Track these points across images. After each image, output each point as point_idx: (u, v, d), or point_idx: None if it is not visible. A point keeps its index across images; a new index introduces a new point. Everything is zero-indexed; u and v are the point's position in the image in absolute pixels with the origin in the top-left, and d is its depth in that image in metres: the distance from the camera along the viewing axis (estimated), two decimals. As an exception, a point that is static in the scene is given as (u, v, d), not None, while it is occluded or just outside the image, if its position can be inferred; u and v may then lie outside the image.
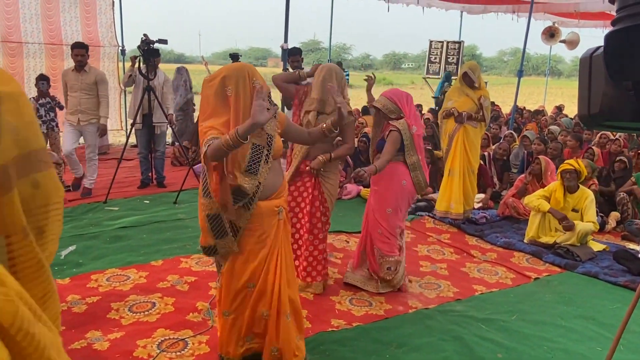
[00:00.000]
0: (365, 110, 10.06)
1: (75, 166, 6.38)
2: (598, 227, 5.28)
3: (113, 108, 10.07)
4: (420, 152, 3.87)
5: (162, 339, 3.17)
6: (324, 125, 3.08)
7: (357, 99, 16.15)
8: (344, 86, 3.78)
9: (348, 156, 7.09)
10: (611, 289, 4.33)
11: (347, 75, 11.27)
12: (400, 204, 3.90)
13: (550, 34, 14.34)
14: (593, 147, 7.26)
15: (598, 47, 0.76)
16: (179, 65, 11.27)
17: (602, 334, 3.51)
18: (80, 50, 6.03)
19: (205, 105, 2.63)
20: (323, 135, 3.08)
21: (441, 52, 14.97)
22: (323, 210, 3.86)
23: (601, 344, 3.38)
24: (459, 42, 14.86)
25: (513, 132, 8.84)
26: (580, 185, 5.30)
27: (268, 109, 2.40)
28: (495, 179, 7.19)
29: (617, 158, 6.62)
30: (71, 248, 4.55)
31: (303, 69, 5.68)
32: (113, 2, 9.73)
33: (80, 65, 6.06)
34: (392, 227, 3.89)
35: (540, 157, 6.10)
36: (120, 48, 10.02)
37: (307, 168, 3.79)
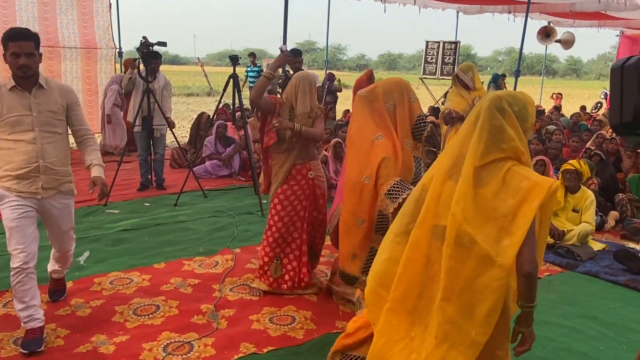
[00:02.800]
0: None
1: None
2: (594, 228, 5.32)
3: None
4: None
5: (168, 342, 3.18)
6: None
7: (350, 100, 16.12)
8: (314, 92, 3.83)
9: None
10: (612, 287, 4.36)
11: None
12: None
13: (546, 33, 14.42)
14: (590, 147, 7.30)
15: (629, 58, 0.78)
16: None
17: (604, 333, 3.54)
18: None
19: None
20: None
21: (437, 53, 14.99)
22: (323, 210, 3.98)
23: (604, 343, 3.40)
24: (456, 43, 14.88)
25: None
26: (582, 186, 5.33)
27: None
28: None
29: (592, 152, 6.68)
30: (86, 254, 4.53)
31: (303, 70, 5.68)
32: (110, 4, 9.73)
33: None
34: None
35: (542, 158, 6.13)
36: (118, 50, 10.01)
37: (307, 173, 3.82)
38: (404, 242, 2.09)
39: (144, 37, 6.00)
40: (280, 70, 4.53)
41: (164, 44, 6.08)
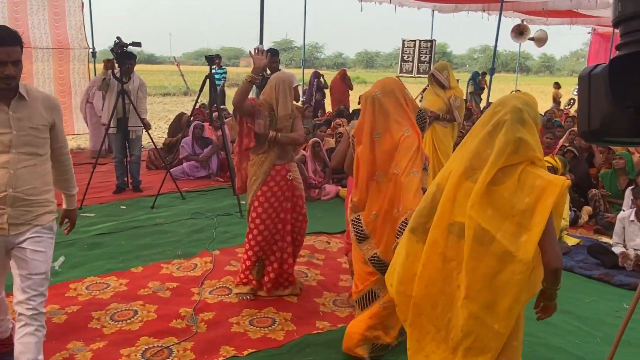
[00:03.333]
0: (340, 113, 10.17)
1: None
2: (568, 223, 5.42)
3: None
4: None
5: (146, 347, 3.14)
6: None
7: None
8: (291, 93, 3.79)
9: (326, 157, 7.12)
10: (586, 282, 4.46)
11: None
12: None
13: (520, 31, 14.64)
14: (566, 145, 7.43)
15: (596, 66, 0.79)
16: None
17: (579, 327, 3.61)
18: None
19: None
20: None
21: (414, 51, 15.11)
22: (303, 211, 3.97)
23: (579, 337, 3.47)
24: (431, 41, 15.02)
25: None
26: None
27: None
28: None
29: (566, 149, 6.82)
30: (61, 259, 4.44)
31: (280, 70, 5.66)
32: (82, 3, 9.56)
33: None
34: None
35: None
36: (91, 50, 9.84)
37: (286, 174, 3.81)
38: (422, 241, 2.20)
39: (118, 38, 5.91)
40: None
41: (138, 44, 6.01)
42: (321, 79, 12.00)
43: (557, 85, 16.81)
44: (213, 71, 6.05)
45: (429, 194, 2.25)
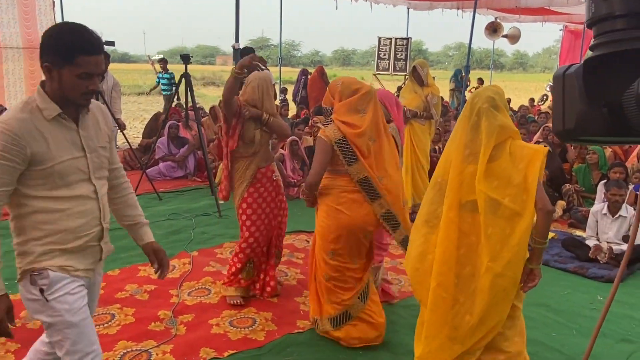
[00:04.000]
0: (318, 111, 10.16)
1: None
2: None
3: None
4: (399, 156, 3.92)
5: (124, 351, 3.10)
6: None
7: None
8: (273, 91, 3.82)
9: (305, 155, 7.12)
10: (561, 275, 4.54)
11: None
12: None
13: (493, 29, 14.84)
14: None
15: (570, 66, 0.81)
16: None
17: (556, 320, 3.68)
18: None
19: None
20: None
21: (390, 49, 15.16)
22: (286, 211, 4.00)
23: (555, 330, 3.53)
24: (407, 39, 15.10)
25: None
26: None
27: None
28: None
29: (540, 144, 6.94)
30: None
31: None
32: (53, 2, 9.38)
33: None
34: (382, 237, 3.82)
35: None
36: (63, 50, 9.66)
37: (271, 175, 3.81)
38: (436, 225, 2.53)
39: (91, 37, 5.80)
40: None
41: (111, 43, 5.92)
42: (309, 76, 12.17)
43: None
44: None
45: (435, 184, 2.60)
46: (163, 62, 12.12)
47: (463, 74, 14.11)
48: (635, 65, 0.74)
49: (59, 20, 9.54)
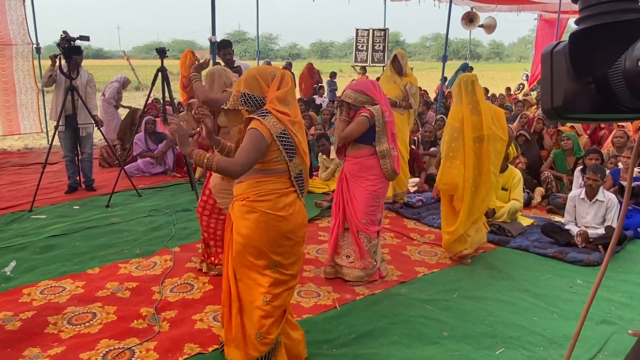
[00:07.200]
0: (306, 107, 10.21)
1: None
2: (522, 205, 5.58)
3: (31, 109, 9.51)
4: (393, 140, 3.99)
5: (107, 349, 3.05)
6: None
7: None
8: (223, 83, 3.96)
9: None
10: (541, 260, 4.60)
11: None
12: (383, 193, 4.09)
13: (469, 19, 14.90)
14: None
15: (558, 43, 0.80)
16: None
17: (537, 305, 3.73)
18: None
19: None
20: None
21: (367, 40, 15.17)
22: None
23: (537, 314, 3.58)
24: (384, 30, 15.12)
25: (444, 117, 9.12)
26: (509, 165, 5.58)
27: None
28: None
29: (518, 133, 7.02)
30: (12, 264, 4.25)
31: (235, 61, 5.57)
32: (23, -3, 9.14)
33: None
34: (375, 215, 4.02)
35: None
36: (35, 46, 9.44)
37: None
38: (454, 156, 4.33)
39: (65, 32, 5.67)
40: (210, 62, 4.57)
41: (86, 38, 5.79)
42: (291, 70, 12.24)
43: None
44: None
45: (453, 128, 4.36)
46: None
47: (468, 70, 14.37)
48: (622, 38, 0.74)
49: (30, 15, 9.33)
